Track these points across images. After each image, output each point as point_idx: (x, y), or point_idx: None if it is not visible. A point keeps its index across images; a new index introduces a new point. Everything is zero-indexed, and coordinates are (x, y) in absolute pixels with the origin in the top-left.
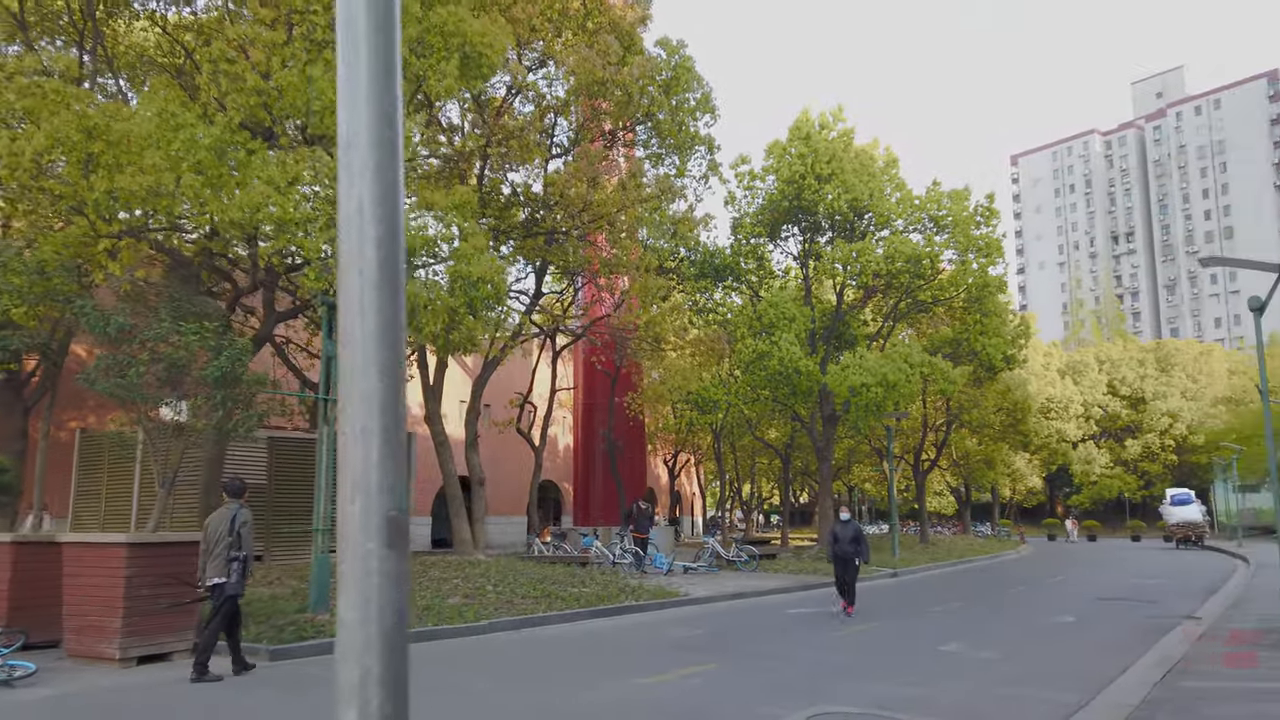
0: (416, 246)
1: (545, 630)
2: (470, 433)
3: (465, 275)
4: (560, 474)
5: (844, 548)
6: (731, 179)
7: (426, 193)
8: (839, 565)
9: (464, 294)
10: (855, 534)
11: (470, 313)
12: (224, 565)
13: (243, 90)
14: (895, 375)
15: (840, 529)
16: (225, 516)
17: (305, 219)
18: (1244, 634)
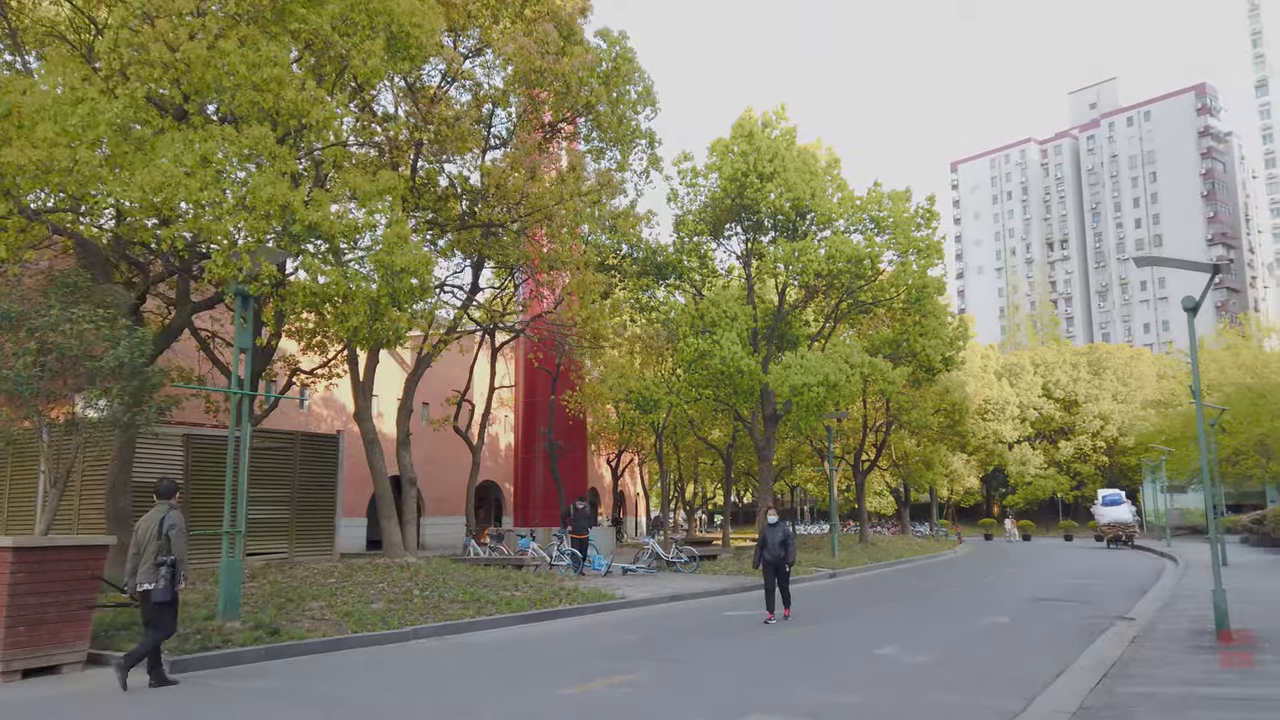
0: (336, 233)
1: (472, 637)
2: (402, 431)
3: (388, 265)
4: (502, 474)
5: (774, 552)
6: (674, 176)
7: (350, 178)
8: (769, 571)
9: (387, 285)
10: (784, 537)
11: (394, 305)
12: (153, 571)
13: (146, 62)
14: (836, 375)
15: (769, 532)
16: (154, 519)
17: (212, 201)
18: (1177, 635)
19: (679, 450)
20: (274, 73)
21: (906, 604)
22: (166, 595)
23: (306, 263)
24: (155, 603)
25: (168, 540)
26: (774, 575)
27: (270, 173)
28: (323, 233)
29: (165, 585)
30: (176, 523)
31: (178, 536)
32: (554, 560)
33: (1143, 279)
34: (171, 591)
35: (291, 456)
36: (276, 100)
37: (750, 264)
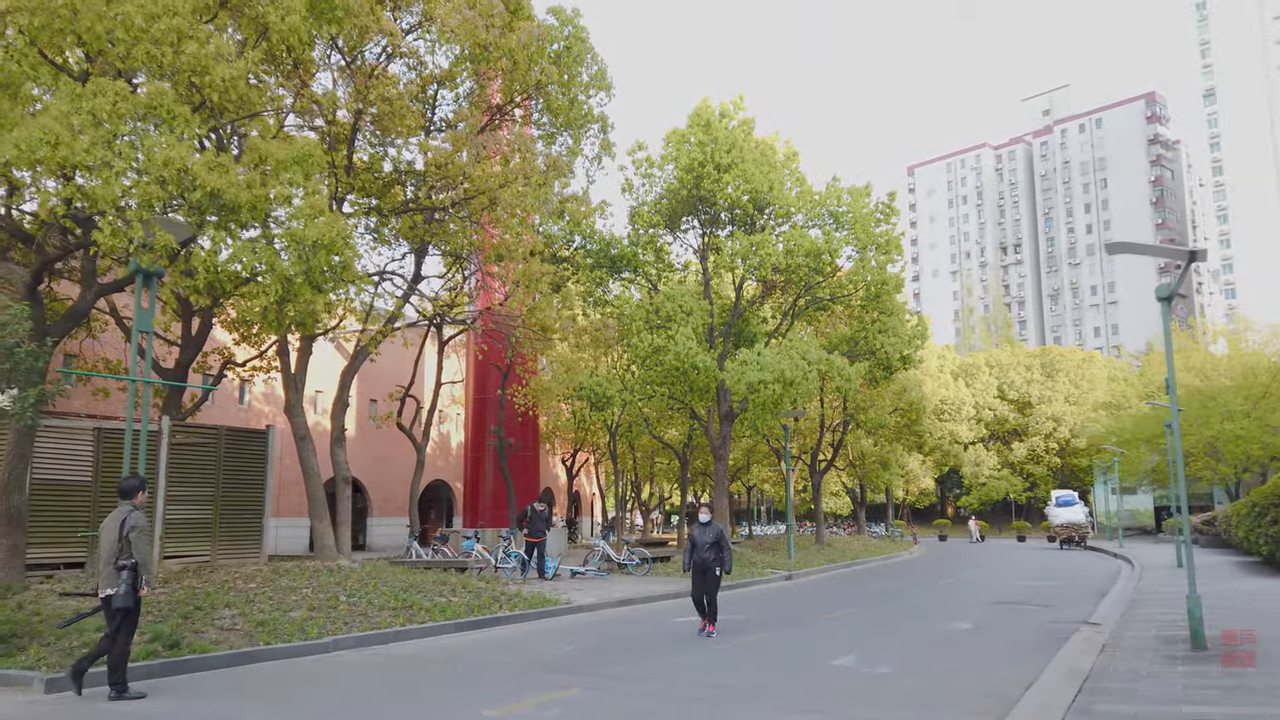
0: (243, 203)
1: (399, 647)
2: (337, 426)
3: (301, 239)
4: (454, 474)
5: (702, 555)
6: (629, 166)
7: (260, 145)
8: (696, 575)
9: (301, 262)
10: (717, 538)
11: (310, 284)
12: (114, 575)
13: (27, 9)
14: (793, 372)
15: (699, 533)
16: (115, 520)
17: (101, 163)
18: (1148, 643)
19: (635, 450)
20: (174, 24)
21: (865, 608)
22: (129, 601)
23: (209, 234)
24: (116, 609)
25: (128, 542)
26: (701, 581)
27: (168, 134)
28: (227, 202)
29: (126, 590)
30: (138, 524)
31: (139, 538)
32: (499, 563)
33: (1093, 284)
34: (134, 597)
35: (216, 452)
36: (176, 55)
37: (707, 259)
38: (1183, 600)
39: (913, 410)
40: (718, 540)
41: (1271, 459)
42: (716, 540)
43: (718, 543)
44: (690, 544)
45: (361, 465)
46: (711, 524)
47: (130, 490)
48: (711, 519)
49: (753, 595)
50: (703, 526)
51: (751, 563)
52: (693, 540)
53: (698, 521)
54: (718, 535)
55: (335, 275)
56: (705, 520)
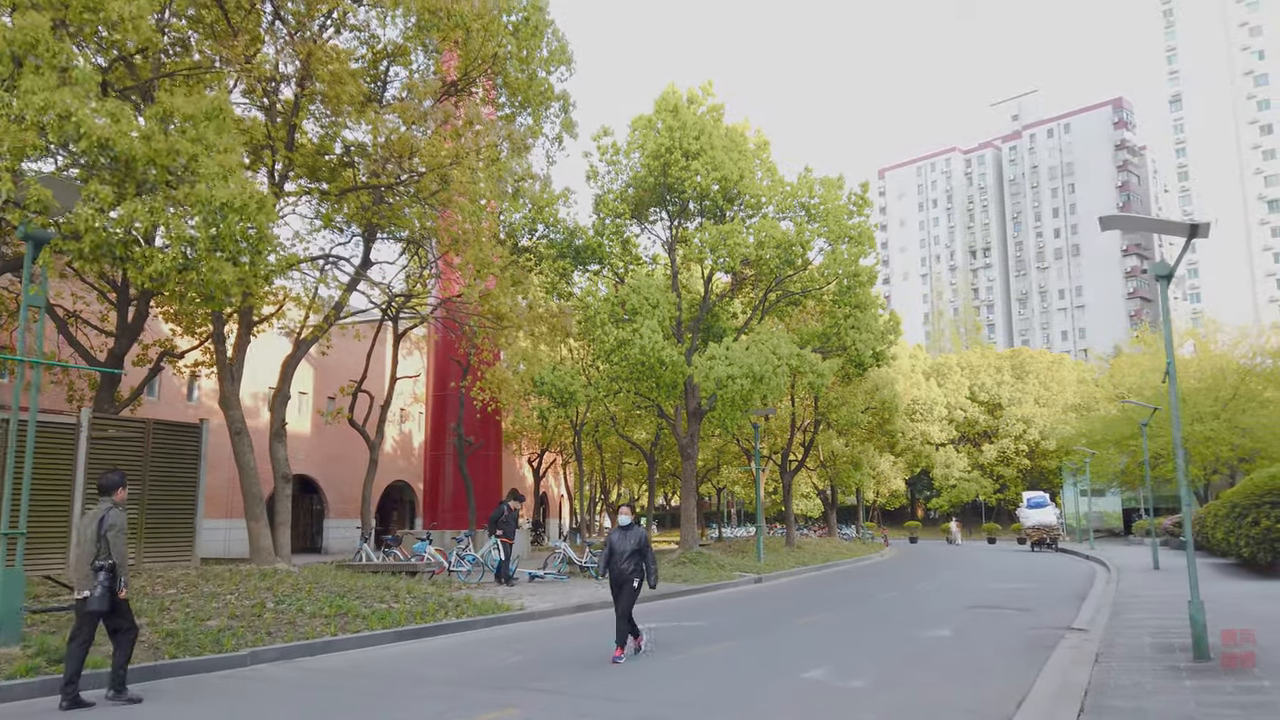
0: (137, 157)
1: (328, 659)
2: (276, 420)
3: (206, 201)
4: (416, 474)
5: (620, 565)
6: (594, 153)
7: (165, 98)
8: (614, 588)
9: (206, 226)
10: (638, 544)
11: (218, 251)
12: (90, 576)
13: None
14: (762, 367)
15: (619, 539)
16: (93, 518)
17: None
18: (1143, 652)
19: (603, 450)
20: None
21: (837, 613)
22: (104, 604)
23: (93, 191)
24: (90, 612)
25: (106, 542)
26: (618, 593)
27: (49, 74)
28: (120, 154)
29: (103, 592)
30: (117, 522)
31: (117, 537)
32: (453, 566)
33: (1061, 288)
34: (110, 599)
35: (143, 448)
36: None
37: (675, 251)
38: (1170, 604)
39: (885, 409)
40: (640, 548)
41: (1240, 460)
42: (638, 548)
43: (640, 550)
44: (607, 551)
45: (317, 464)
46: (633, 528)
47: (110, 486)
48: (634, 522)
49: (720, 599)
50: (623, 531)
51: (720, 565)
52: (610, 547)
53: (618, 524)
54: (640, 541)
55: (250, 245)
56: (626, 523)
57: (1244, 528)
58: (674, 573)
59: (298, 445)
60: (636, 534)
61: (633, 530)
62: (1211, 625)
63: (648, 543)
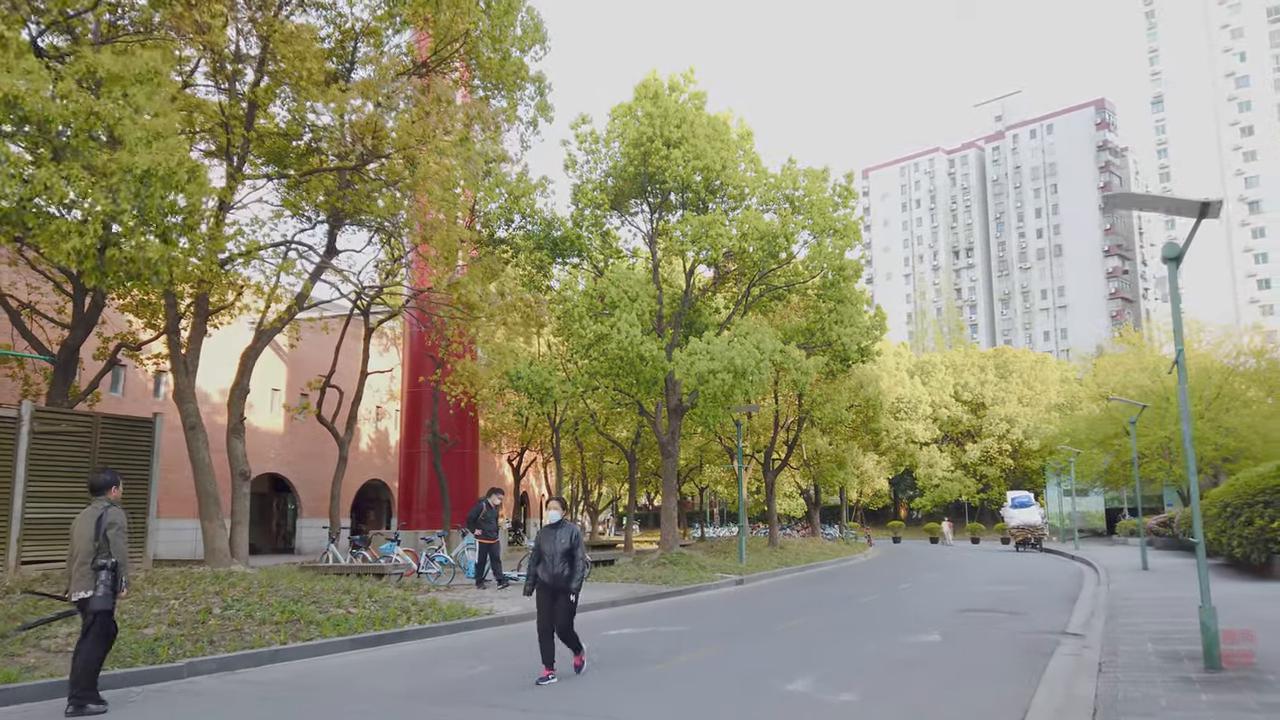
0: (52, 118)
1: (271, 671)
2: (235, 415)
3: (128, 168)
4: (392, 473)
5: (553, 570)
6: (572, 141)
7: (88, 55)
8: (544, 599)
9: (130, 196)
10: (571, 545)
11: (144, 225)
12: (90, 576)
13: None
14: (745, 362)
15: (546, 539)
16: (90, 517)
17: None
18: (1149, 660)
19: (583, 449)
20: None
21: (821, 616)
22: (107, 603)
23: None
24: (94, 612)
25: (106, 541)
26: (550, 604)
27: None
28: (30, 114)
29: (105, 592)
30: (116, 520)
31: (118, 535)
32: (422, 568)
33: (1043, 288)
34: (113, 599)
35: (90, 443)
36: None
37: (656, 244)
38: (1167, 607)
39: (869, 406)
40: (572, 548)
41: (1224, 460)
42: (570, 548)
43: (571, 551)
44: (534, 554)
45: (290, 463)
46: (564, 525)
47: (103, 485)
48: (564, 519)
49: (700, 602)
50: (551, 530)
51: (701, 566)
52: (538, 549)
53: (547, 521)
54: (573, 540)
55: (182, 221)
56: (555, 520)
57: (1236, 527)
58: (654, 574)
59: (270, 443)
60: (568, 533)
61: (563, 528)
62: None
63: (580, 544)
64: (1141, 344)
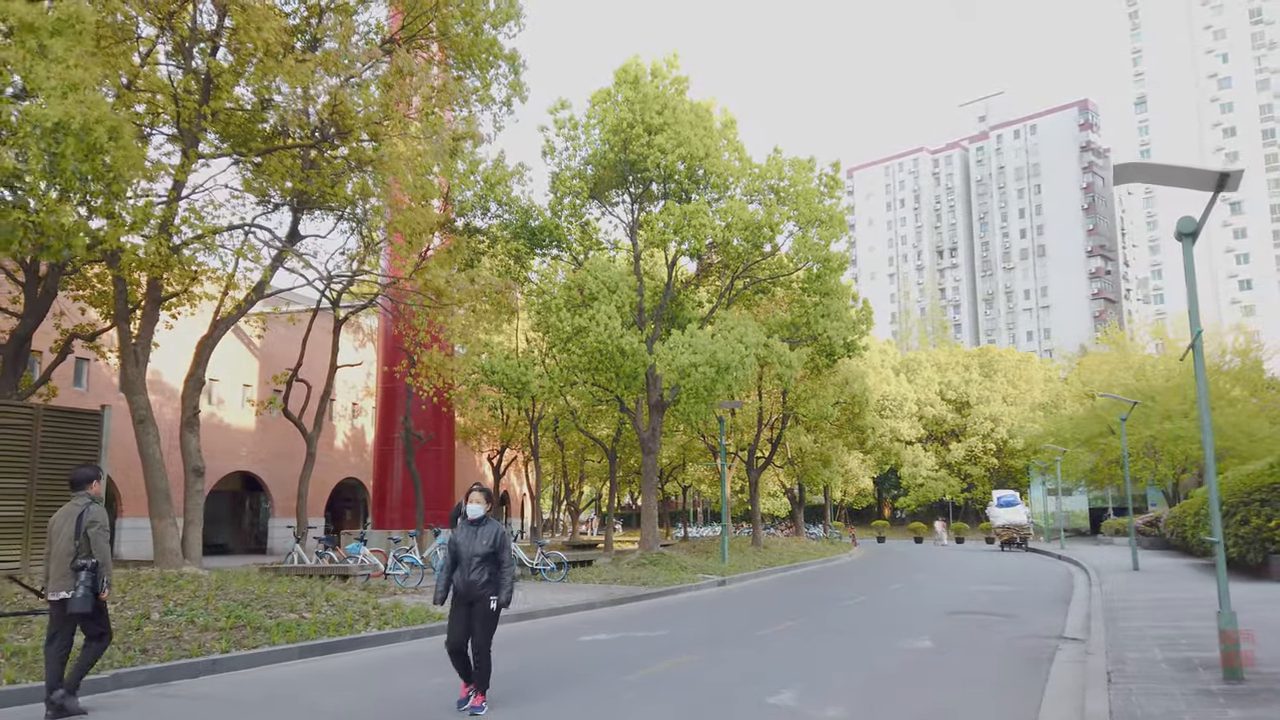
0: None
1: (207, 683)
2: (188, 408)
3: (38, 121)
4: (369, 471)
5: (469, 576)
6: (550, 127)
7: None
8: (457, 609)
9: (39, 153)
10: (494, 545)
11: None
12: (70, 576)
13: None
14: (728, 355)
15: (465, 537)
16: (69, 514)
17: None
18: (1161, 669)
19: (565, 448)
20: None
21: (806, 620)
22: (86, 605)
23: None
24: (73, 614)
25: (86, 539)
26: (466, 618)
27: None
28: None
29: (85, 593)
30: (98, 518)
31: (99, 534)
32: (390, 569)
33: (1027, 288)
34: (93, 601)
35: (31, 436)
36: None
37: (637, 235)
38: (1168, 610)
39: (855, 403)
40: (495, 550)
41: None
42: (493, 550)
43: (494, 554)
44: (450, 556)
45: (262, 461)
46: (487, 523)
47: (83, 481)
48: (487, 514)
49: (680, 605)
50: (471, 527)
51: (682, 567)
52: (454, 549)
53: (465, 516)
54: (496, 541)
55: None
56: (476, 516)
57: (1232, 526)
58: (632, 575)
59: (241, 441)
60: (491, 531)
61: (486, 526)
62: (1204, 629)
63: (506, 543)
64: (1126, 343)
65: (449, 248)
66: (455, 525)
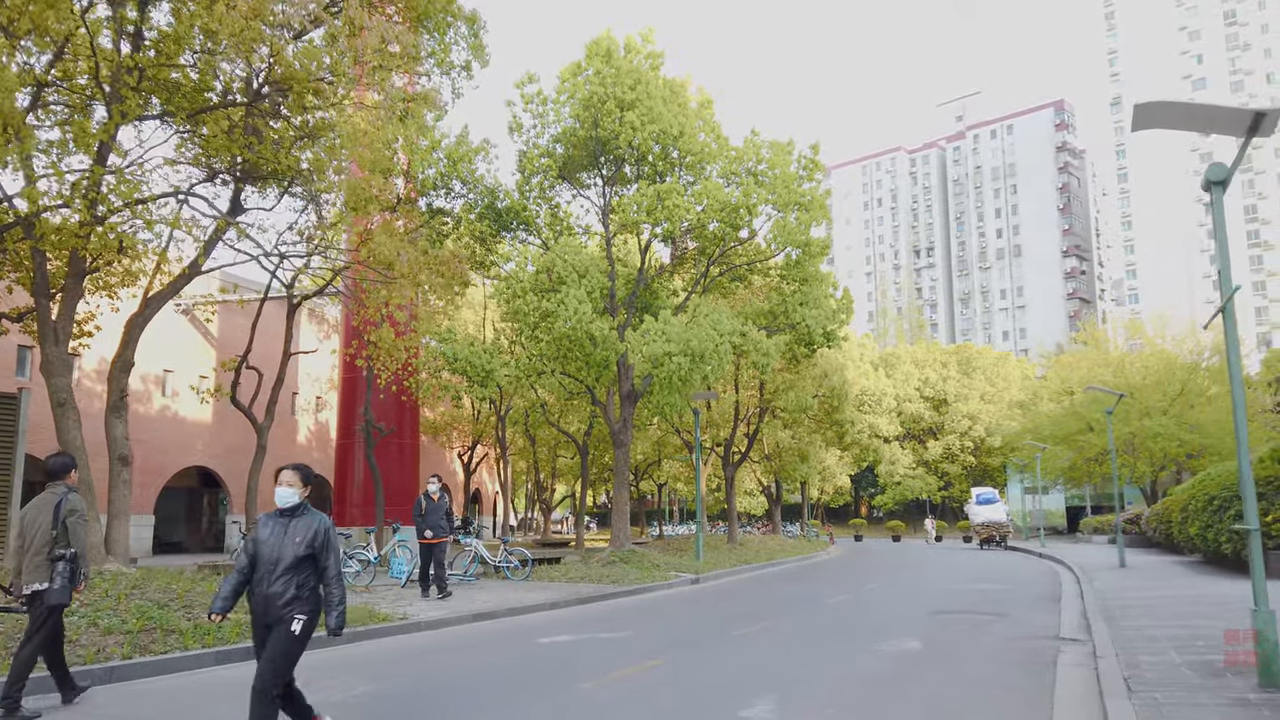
0: None
1: (98, 694)
2: (115, 391)
3: None
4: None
5: (267, 586)
6: (518, 102)
7: None
8: (255, 632)
9: None
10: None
11: None
12: (46, 567)
13: None
14: (703, 343)
15: (271, 533)
16: (47, 504)
17: None
18: (1183, 673)
19: (536, 444)
20: None
21: (784, 620)
22: (64, 597)
23: None
24: (50, 606)
25: (64, 529)
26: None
27: None
28: None
29: (63, 584)
30: (77, 507)
31: (78, 524)
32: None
33: (1003, 288)
34: (69, 592)
35: None
36: None
37: (609, 220)
38: (1170, 608)
39: (834, 396)
40: (313, 552)
41: (1188, 457)
42: (309, 553)
43: (310, 559)
44: (248, 557)
45: (218, 456)
46: (303, 514)
47: (60, 470)
48: (304, 501)
49: (650, 603)
50: (281, 520)
51: (654, 564)
52: (253, 549)
53: (277, 506)
54: (315, 541)
55: None
56: (288, 503)
57: (1225, 522)
58: (601, 573)
59: (197, 435)
60: (307, 526)
61: (301, 519)
62: (1216, 629)
63: (332, 542)
64: (1104, 340)
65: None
66: (416, 521)
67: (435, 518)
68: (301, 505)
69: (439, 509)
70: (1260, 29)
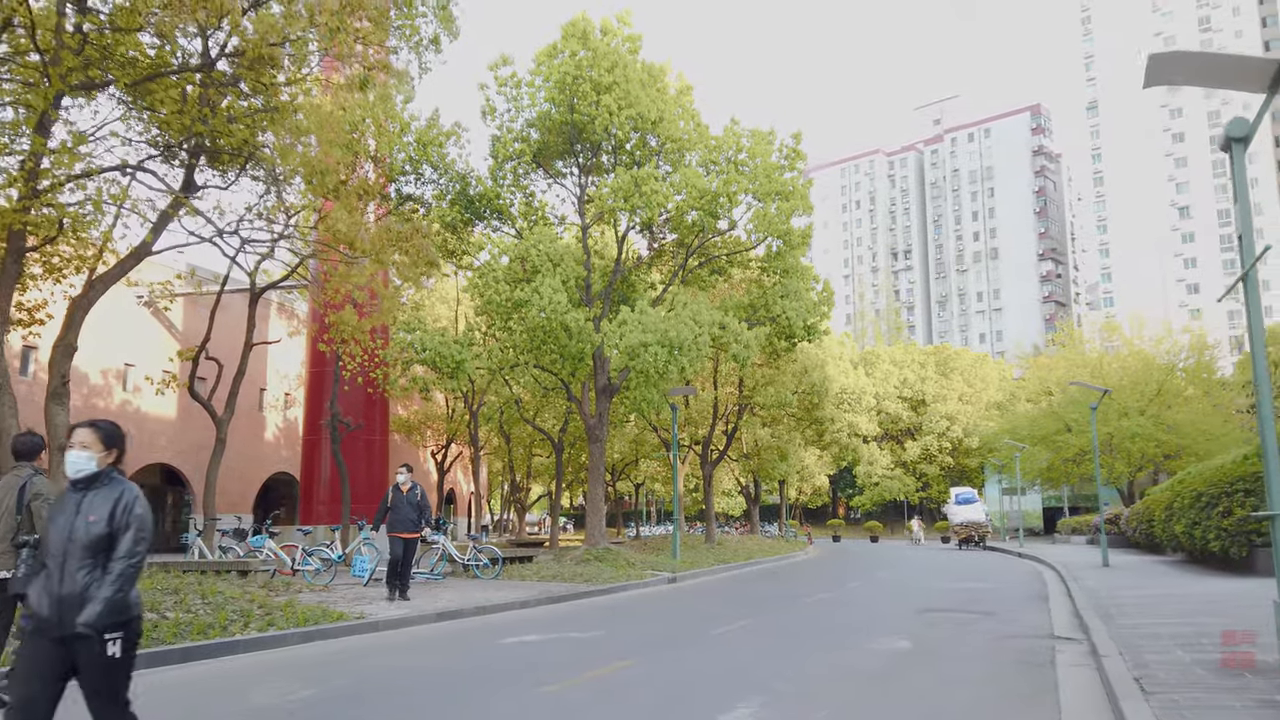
0: None
1: None
2: (55, 377)
3: None
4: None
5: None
6: (491, 85)
7: None
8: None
9: None
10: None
11: None
12: (9, 554)
13: None
14: (681, 334)
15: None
16: (10, 487)
17: None
18: (1196, 673)
19: (511, 442)
20: None
21: (764, 619)
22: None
23: None
24: (13, 595)
25: (29, 513)
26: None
27: None
28: None
29: (26, 572)
30: (44, 490)
31: (43, 507)
32: (299, 564)
33: (979, 290)
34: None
35: None
36: None
37: (585, 209)
38: (1166, 606)
39: (814, 393)
40: (112, 531)
41: (1165, 457)
42: (110, 529)
43: (112, 535)
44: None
45: (183, 453)
46: (104, 484)
47: (30, 450)
48: (109, 469)
49: (625, 602)
50: (72, 496)
51: (630, 563)
52: (40, 544)
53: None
54: (118, 518)
55: None
56: (83, 472)
57: (1213, 519)
58: (575, 572)
59: (159, 431)
60: (106, 499)
61: (99, 491)
62: (1213, 629)
63: (142, 521)
64: (1080, 341)
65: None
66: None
67: (404, 511)
68: (104, 474)
69: (407, 501)
70: (1234, 34)
